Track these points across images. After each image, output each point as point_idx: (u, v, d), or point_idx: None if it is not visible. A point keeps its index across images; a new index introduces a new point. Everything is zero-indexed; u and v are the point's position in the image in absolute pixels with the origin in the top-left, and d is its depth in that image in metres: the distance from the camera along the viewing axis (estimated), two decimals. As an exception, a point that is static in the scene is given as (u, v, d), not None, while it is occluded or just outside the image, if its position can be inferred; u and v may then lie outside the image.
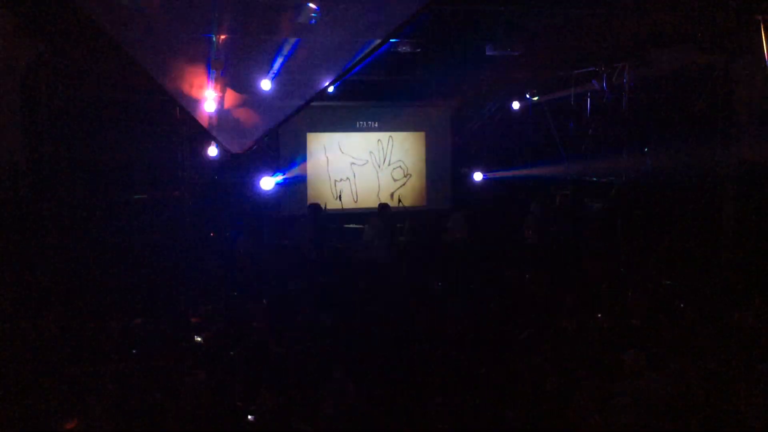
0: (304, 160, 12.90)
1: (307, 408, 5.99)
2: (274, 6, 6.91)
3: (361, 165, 13.22)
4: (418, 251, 12.38)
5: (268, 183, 12.05)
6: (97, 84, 9.97)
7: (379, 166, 13.36)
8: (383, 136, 13.33)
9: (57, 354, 7.50)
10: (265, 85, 9.88)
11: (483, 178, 13.56)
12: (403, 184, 13.49)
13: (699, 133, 10.82)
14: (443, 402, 5.17)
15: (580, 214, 12.07)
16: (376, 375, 5.75)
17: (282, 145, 12.74)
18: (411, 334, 7.14)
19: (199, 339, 7.83)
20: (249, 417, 5.62)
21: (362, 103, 13.12)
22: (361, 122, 13.25)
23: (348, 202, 12.89)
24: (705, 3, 8.30)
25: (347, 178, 13.13)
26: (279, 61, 8.81)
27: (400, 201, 12.63)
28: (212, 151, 10.83)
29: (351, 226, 11.94)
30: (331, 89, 10.65)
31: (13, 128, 8.31)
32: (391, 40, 8.71)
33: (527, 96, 13.06)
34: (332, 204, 12.38)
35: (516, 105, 13.34)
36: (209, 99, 9.02)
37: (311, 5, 6.64)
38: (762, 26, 8.99)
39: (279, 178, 12.43)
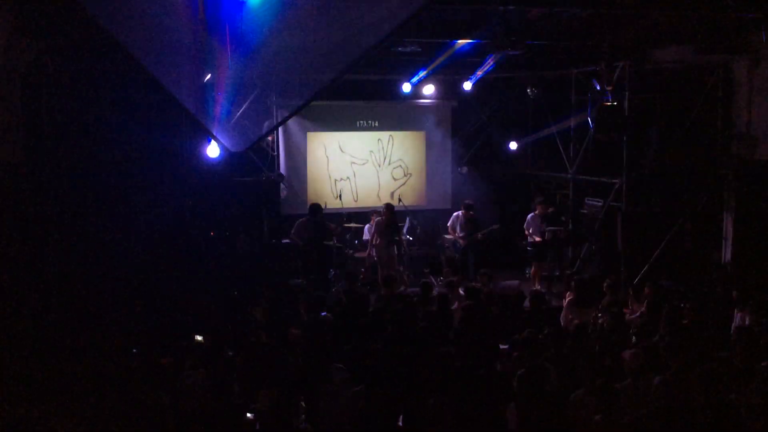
0: (305, 159, 12.90)
1: (307, 408, 6.00)
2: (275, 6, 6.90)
3: (361, 164, 13.22)
4: (418, 250, 12.41)
5: (267, 182, 12.05)
6: (97, 84, 9.98)
7: (380, 166, 13.35)
8: (383, 135, 13.33)
9: (57, 354, 7.50)
10: (267, 84, 9.89)
11: (483, 178, 13.55)
12: (404, 184, 13.49)
13: (699, 133, 10.83)
14: (443, 402, 5.17)
15: (580, 214, 12.06)
16: (376, 374, 5.75)
17: (282, 144, 12.74)
18: (411, 333, 7.14)
19: (199, 339, 7.83)
20: (249, 416, 5.63)
21: (362, 103, 13.12)
22: (361, 122, 13.24)
23: (348, 202, 12.88)
24: (705, 3, 8.30)
25: (347, 178, 13.13)
26: (280, 60, 8.78)
27: (400, 200, 12.63)
28: (212, 151, 10.82)
29: (351, 225, 11.94)
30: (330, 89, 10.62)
31: (13, 128, 8.31)
32: (391, 40, 8.71)
33: (527, 95, 13.06)
34: (332, 203, 12.37)
35: (515, 104, 13.32)
36: (209, 98, 9.00)
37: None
38: (762, 26, 9.00)
39: (279, 177, 12.42)
